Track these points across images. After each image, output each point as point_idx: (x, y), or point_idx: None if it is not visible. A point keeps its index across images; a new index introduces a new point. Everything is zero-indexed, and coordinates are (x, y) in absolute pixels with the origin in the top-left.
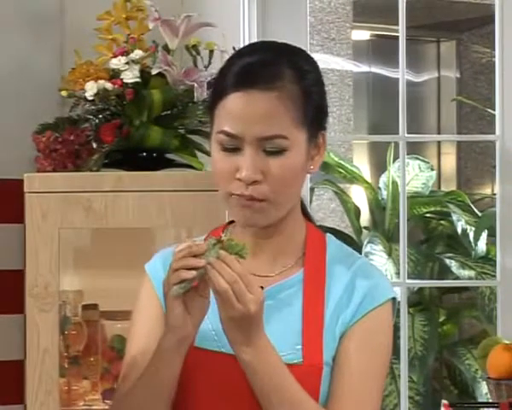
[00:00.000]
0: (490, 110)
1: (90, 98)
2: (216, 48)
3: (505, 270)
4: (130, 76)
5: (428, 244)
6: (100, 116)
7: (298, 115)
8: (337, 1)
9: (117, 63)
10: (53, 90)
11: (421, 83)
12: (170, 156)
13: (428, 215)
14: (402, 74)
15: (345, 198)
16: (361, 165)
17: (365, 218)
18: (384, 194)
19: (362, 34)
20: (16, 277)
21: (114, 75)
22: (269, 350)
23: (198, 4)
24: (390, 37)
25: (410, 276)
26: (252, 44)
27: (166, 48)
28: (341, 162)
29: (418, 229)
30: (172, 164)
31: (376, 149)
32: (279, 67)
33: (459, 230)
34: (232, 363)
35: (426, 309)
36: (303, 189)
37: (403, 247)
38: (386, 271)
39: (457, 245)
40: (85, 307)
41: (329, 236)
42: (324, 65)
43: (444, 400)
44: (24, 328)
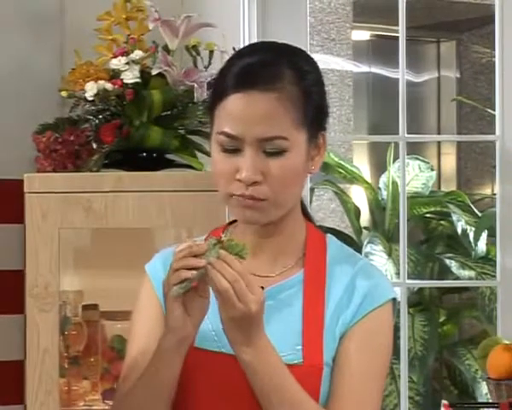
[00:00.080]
0: (490, 110)
1: (90, 98)
2: (216, 48)
3: (505, 270)
4: (130, 76)
5: (428, 244)
6: (100, 116)
7: (298, 116)
8: (337, 1)
9: (117, 64)
10: (53, 90)
11: (421, 83)
12: (170, 157)
13: (428, 215)
14: (402, 74)
15: (345, 198)
16: (361, 165)
17: (365, 218)
18: (384, 194)
19: (362, 34)
20: (16, 277)
21: (114, 75)
22: (269, 350)
23: (198, 5)
24: (390, 37)
25: (410, 276)
26: (252, 45)
27: (166, 48)
28: (341, 162)
29: (418, 229)
30: (172, 164)
31: (376, 150)
32: (279, 68)
33: (459, 230)
34: (232, 363)
35: (426, 309)
36: (303, 189)
37: (403, 247)
38: (386, 271)
39: (457, 245)
40: (85, 308)
41: (330, 236)
42: (324, 65)
43: (444, 400)
44: (24, 328)
